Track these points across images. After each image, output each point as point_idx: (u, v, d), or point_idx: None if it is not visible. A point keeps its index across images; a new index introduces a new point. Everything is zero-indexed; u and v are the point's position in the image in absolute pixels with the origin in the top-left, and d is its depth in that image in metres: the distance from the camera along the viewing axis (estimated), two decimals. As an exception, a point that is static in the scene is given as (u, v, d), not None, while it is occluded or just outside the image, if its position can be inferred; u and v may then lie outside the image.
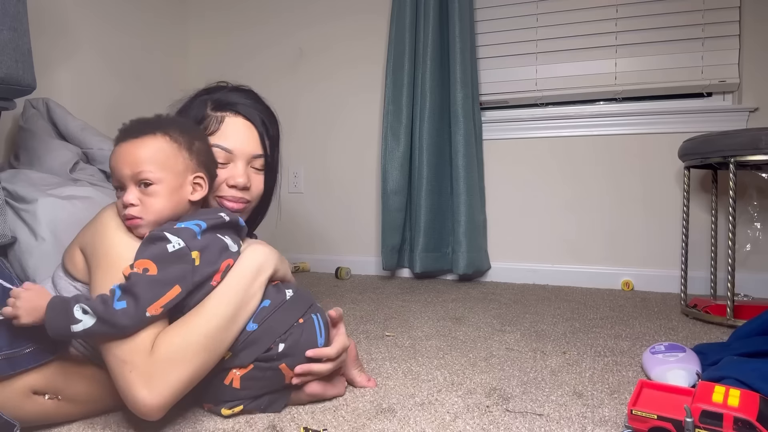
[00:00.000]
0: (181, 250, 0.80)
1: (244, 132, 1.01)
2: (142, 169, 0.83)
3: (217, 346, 0.81)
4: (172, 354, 0.76)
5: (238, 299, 0.84)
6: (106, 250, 0.82)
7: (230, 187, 0.98)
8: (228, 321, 0.82)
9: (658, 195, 2.05)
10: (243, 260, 0.88)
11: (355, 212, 2.49)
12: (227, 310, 0.83)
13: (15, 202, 1.32)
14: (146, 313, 0.76)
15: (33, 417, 0.80)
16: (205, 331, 0.80)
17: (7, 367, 0.75)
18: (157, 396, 0.74)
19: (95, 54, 2.13)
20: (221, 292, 0.84)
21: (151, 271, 0.77)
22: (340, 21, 2.48)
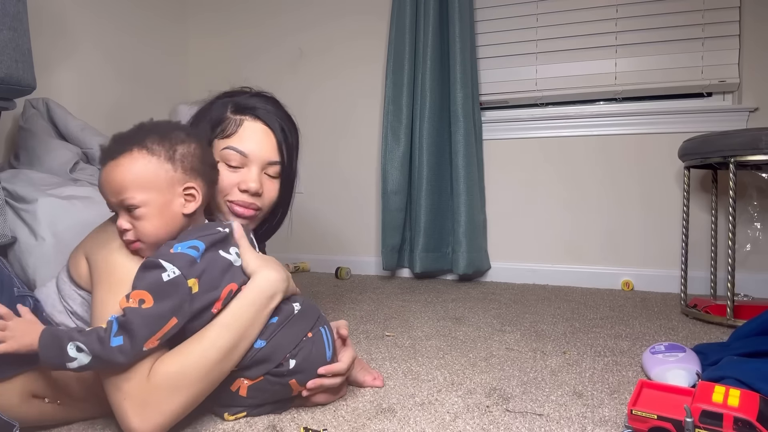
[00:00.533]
0: (177, 278, 0.76)
1: (262, 137, 0.98)
2: (124, 196, 0.80)
3: (215, 376, 0.80)
4: (168, 383, 0.75)
5: (242, 330, 0.81)
6: (110, 269, 0.81)
7: (242, 191, 0.95)
8: (228, 352, 0.80)
9: (658, 195, 2.05)
10: (252, 287, 0.84)
11: (355, 212, 2.49)
12: (229, 340, 0.80)
13: (15, 202, 1.32)
14: (143, 348, 0.74)
15: (33, 419, 0.80)
16: (204, 362, 0.78)
17: (6, 369, 0.74)
18: (149, 425, 0.74)
19: (95, 54, 2.13)
20: (225, 320, 0.80)
21: (147, 303, 0.74)
22: (340, 21, 2.48)
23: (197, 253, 0.80)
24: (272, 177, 1.00)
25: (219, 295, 0.81)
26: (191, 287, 0.78)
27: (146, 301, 0.74)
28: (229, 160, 0.95)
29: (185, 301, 0.77)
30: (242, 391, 0.85)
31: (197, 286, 0.79)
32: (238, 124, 0.97)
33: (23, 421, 0.77)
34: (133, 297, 0.75)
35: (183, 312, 0.77)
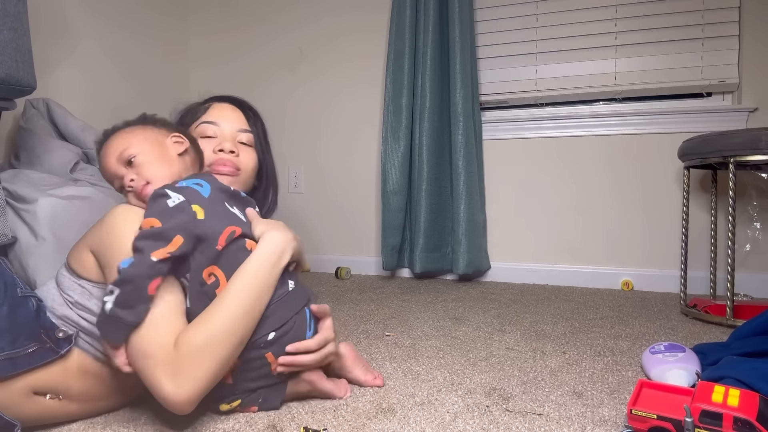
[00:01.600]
0: (182, 203, 0.83)
1: (230, 111, 1.09)
2: (122, 149, 0.90)
3: (241, 336, 0.82)
4: (196, 350, 0.77)
5: (257, 289, 0.85)
6: (120, 245, 0.82)
7: (218, 152, 1.02)
8: (247, 313, 0.83)
9: (658, 195, 2.05)
10: (262, 247, 0.88)
11: (355, 212, 2.49)
12: (247, 301, 0.83)
13: (15, 202, 1.32)
14: (152, 258, 0.77)
15: (34, 417, 0.80)
16: (228, 323, 0.80)
17: (9, 367, 0.75)
18: (185, 392, 0.75)
19: (95, 54, 2.13)
20: (239, 283, 0.83)
21: (156, 226, 0.81)
22: (340, 20, 2.48)
23: (201, 188, 0.88)
24: (246, 144, 1.08)
25: (222, 230, 0.85)
26: (195, 212, 0.83)
27: (155, 225, 0.81)
28: (205, 132, 1.05)
29: (190, 223, 0.82)
30: (228, 379, 0.86)
31: (202, 213, 0.84)
32: (207, 108, 1.09)
33: (25, 419, 0.78)
34: (144, 225, 0.81)
35: (188, 232, 0.81)
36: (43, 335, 0.80)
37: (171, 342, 0.77)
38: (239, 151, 1.05)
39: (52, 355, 0.80)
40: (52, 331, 0.81)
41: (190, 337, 0.78)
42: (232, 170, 1.03)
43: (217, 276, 0.85)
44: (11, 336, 0.76)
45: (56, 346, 0.80)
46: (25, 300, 0.82)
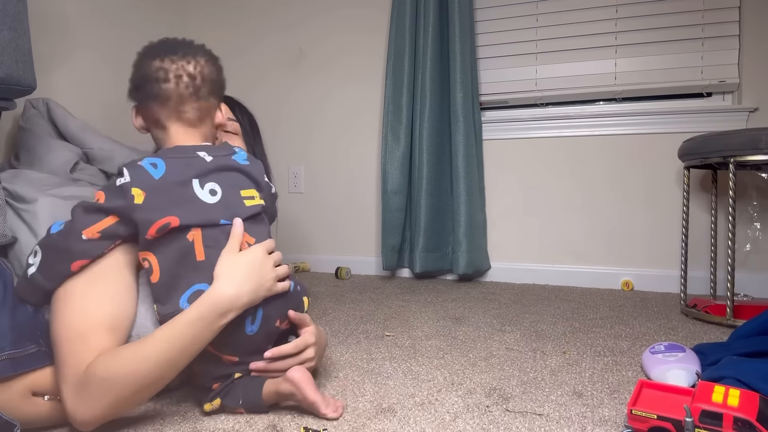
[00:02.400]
0: (125, 185, 0.82)
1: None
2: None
3: (146, 385, 0.79)
4: (97, 383, 0.76)
5: (183, 345, 0.79)
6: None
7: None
8: (166, 364, 0.79)
9: (658, 195, 2.05)
10: (204, 299, 0.81)
11: (355, 212, 2.49)
12: (167, 355, 0.78)
13: (15, 202, 1.32)
14: (82, 236, 0.80)
15: (32, 418, 0.80)
16: (136, 372, 0.77)
17: (9, 368, 0.75)
18: (80, 415, 0.76)
19: (95, 54, 2.13)
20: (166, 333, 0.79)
21: (100, 201, 0.83)
22: (340, 19, 2.48)
23: (155, 170, 0.85)
24: (232, 133, 1.10)
25: (156, 220, 0.82)
26: (134, 195, 0.82)
27: (100, 200, 0.84)
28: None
29: (128, 207, 0.81)
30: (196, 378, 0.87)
31: (141, 197, 0.82)
32: None
33: (23, 420, 0.78)
34: (96, 195, 0.85)
35: (125, 215, 0.82)
36: (40, 339, 0.80)
37: (83, 364, 0.76)
38: (225, 138, 1.07)
39: (49, 360, 0.80)
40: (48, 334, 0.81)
41: (95, 368, 0.76)
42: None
43: (151, 262, 0.83)
44: (12, 336, 0.76)
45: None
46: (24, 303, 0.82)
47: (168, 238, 0.83)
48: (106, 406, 0.77)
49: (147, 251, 0.84)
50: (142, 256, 0.84)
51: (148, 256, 0.84)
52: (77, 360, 0.76)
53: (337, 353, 1.24)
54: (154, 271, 0.83)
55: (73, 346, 0.77)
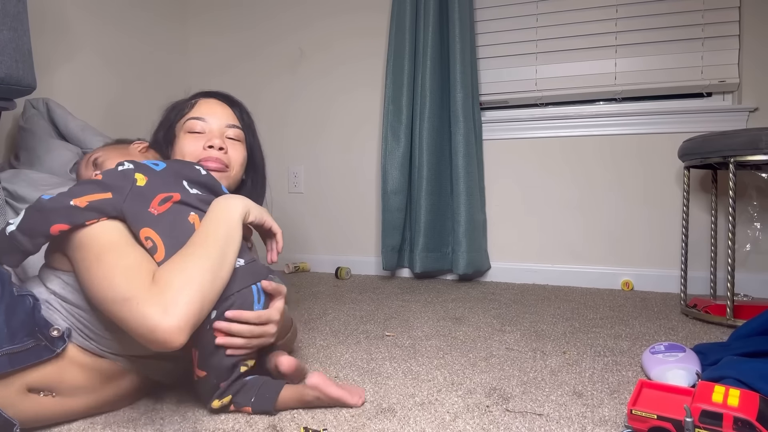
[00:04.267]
0: (127, 170, 0.88)
1: (217, 106, 1.10)
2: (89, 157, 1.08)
3: (217, 268, 0.82)
4: (176, 277, 0.77)
5: (221, 230, 0.86)
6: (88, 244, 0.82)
7: (207, 148, 1.04)
8: (219, 247, 0.84)
9: (658, 195, 2.05)
10: (211, 205, 0.91)
11: (355, 212, 2.49)
12: (215, 238, 0.84)
13: (15, 202, 1.33)
14: (70, 202, 0.81)
15: (30, 415, 0.80)
16: (201, 255, 0.81)
17: (6, 364, 0.74)
18: (174, 317, 0.73)
19: (95, 54, 2.13)
20: (201, 227, 0.86)
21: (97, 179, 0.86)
22: (340, 20, 2.48)
23: (156, 167, 0.92)
24: (235, 140, 1.09)
25: (159, 192, 0.87)
26: (137, 179, 0.87)
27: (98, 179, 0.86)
28: (193, 128, 1.06)
29: (126, 187, 0.85)
30: (201, 373, 0.86)
31: (144, 181, 0.87)
32: (194, 104, 1.10)
33: (21, 417, 0.77)
34: (93, 176, 0.88)
35: (120, 192, 0.84)
36: (38, 333, 0.80)
37: (149, 281, 0.77)
38: (228, 147, 1.06)
39: (48, 353, 0.80)
40: (46, 329, 0.81)
41: (166, 269, 0.79)
42: (221, 167, 1.04)
43: (154, 240, 0.84)
44: (9, 333, 0.76)
45: (51, 345, 0.80)
46: (22, 298, 0.82)
47: (171, 216, 0.87)
48: (195, 299, 0.77)
49: (149, 228, 0.84)
50: (144, 235, 0.84)
51: (150, 234, 0.84)
52: (142, 280, 0.76)
53: (337, 353, 1.24)
54: (159, 249, 0.84)
55: (131, 273, 0.77)
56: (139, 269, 0.78)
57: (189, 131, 1.05)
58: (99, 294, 0.78)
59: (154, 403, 0.95)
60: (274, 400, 0.88)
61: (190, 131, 1.05)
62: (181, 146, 1.05)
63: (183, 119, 1.07)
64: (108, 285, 0.77)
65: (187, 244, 0.84)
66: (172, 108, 1.11)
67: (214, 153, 1.03)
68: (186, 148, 1.04)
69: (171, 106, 1.12)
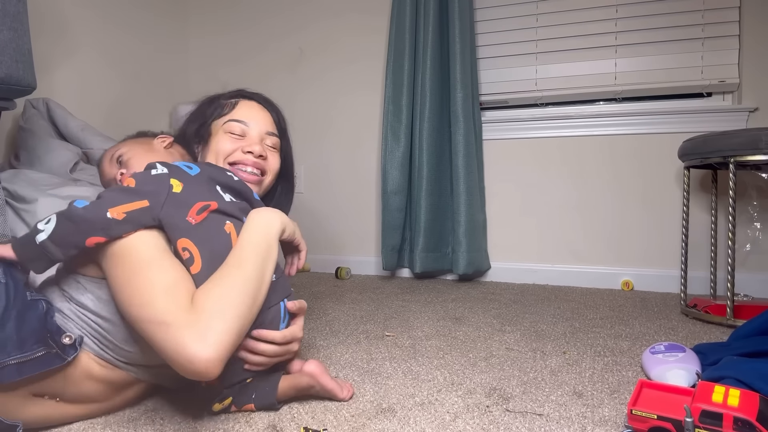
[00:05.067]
0: (161, 174, 0.86)
1: (258, 111, 1.08)
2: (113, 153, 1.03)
3: (256, 290, 0.81)
4: (216, 303, 0.75)
5: (261, 248, 0.85)
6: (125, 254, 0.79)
7: (246, 153, 1.01)
8: (259, 267, 0.83)
9: (658, 195, 2.05)
10: (249, 219, 0.90)
11: (355, 212, 2.49)
12: (255, 258, 0.83)
13: (15, 202, 1.33)
14: (107, 213, 0.77)
15: (33, 419, 0.79)
16: (241, 277, 0.80)
17: (15, 374, 0.72)
18: (213, 347, 0.71)
19: (95, 54, 2.13)
20: (241, 244, 0.85)
21: (130, 186, 0.83)
22: (340, 20, 2.48)
23: (190, 170, 0.90)
24: (271, 148, 1.07)
25: (195, 202, 0.85)
26: (173, 185, 0.84)
27: (130, 185, 0.83)
28: (232, 130, 1.03)
29: (162, 193, 0.83)
30: (212, 381, 0.85)
31: (180, 187, 0.85)
32: (234, 104, 1.07)
33: (25, 422, 0.77)
34: (124, 182, 0.85)
35: (157, 199, 0.82)
36: (49, 340, 0.77)
37: (188, 303, 0.74)
38: (266, 154, 1.04)
39: (59, 361, 0.77)
40: (58, 335, 0.79)
41: (205, 293, 0.76)
42: (257, 177, 1.03)
43: (191, 252, 0.82)
44: (20, 340, 0.74)
45: (62, 353, 0.78)
46: (34, 303, 0.80)
47: (207, 225, 0.85)
48: (233, 327, 0.75)
49: (187, 239, 0.82)
50: (181, 245, 0.82)
51: (188, 245, 0.82)
52: (180, 303, 0.74)
53: (337, 353, 1.24)
54: (196, 261, 0.82)
55: (169, 296, 0.74)
56: (177, 290, 0.76)
57: (228, 132, 1.03)
58: (134, 312, 0.75)
59: (154, 403, 0.95)
60: (274, 393, 0.88)
61: (230, 132, 1.03)
62: (217, 145, 1.02)
63: (222, 119, 1.04)
64: (145, 304, 0.74)
65: (226, 263, 0.82)
66: (209, 102, 1.08)
67: (252, 159, 1.01)
68: (222, 147, 1.01)
69: (208, 101, 1.09)
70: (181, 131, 1.09)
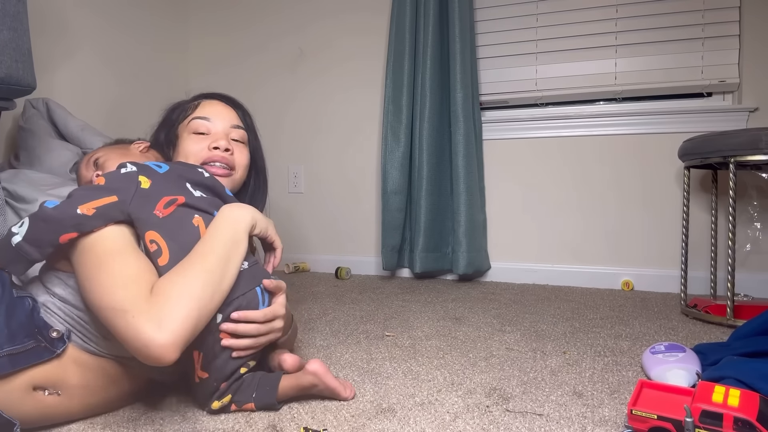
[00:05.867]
0: (130, 173, 0.88)
1: (221, 108, 1.09)
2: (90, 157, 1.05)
3: (218, 282, 0.81)
4: (174, 291, 0.76)
5: (226, 241, 0.86)
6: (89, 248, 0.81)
7: (213, 149, 1.03)
8: (223, 260, 0.83)
9: (658, 195, 2.05)
10: (219, 213, 0.91)
11: (355, 212, 2.49)
12: (220, 250, 0.84)
13: (15, 202, 1.33)
14: (77, 210, 0.80)
15: (34, 414, 0.80)
16: (203, 268, 0.80)
17: (8, 365, 0.75)
18: (168, 333, 0.73)
19: (95, 54, 2.13)
20: (207, 237, 0.86)
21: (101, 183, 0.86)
22: (340, 20, 2.48)
23: (159, 168, 0.92)
24: (239, 141, 1.08)
25: (162, 197, 0.87)
26: (141, 181, 0.87)
27: (100, 183, 0.86)
28: (197, 129, 1.05)
29: (130, 189, 0.85)
30: (203, 375, 0.86)
31: (148, 184, 0.87)
32: (197, 105, 1.09)
33: (24, 417, 0.78)
34: (96, 180, 0.87)
35: (126, 195, 0.84)
36: (38, 335, 0.80)
37: (147, 293, 0.76)
38: (232, 148, 1.05)
39: (49, 354, 0.80)
40: (45, 330, 0.81)
41: (166, 281, 0.78)
42: (226, 171, 1.04)
43: (159, 244, 0.83)
44: (9, 334, 0.76)
45: (51, 346, 0.80)
46: (21, 300, 0.82)
47: (176, 218, 0.87)
48: (192, 314, 0.76)
49: (154, 231, 0.84)
50: (149, 238, 0.84)
51: (155, 237, 0.84)
52: (140, 292, 0.76)
53: (337, 353, 1.24)
54: (164, 253, 0.83)
55: (130, 285, 0.76)
56: (139, 280, 0.77)
57: (193, 131, 1.04)
58: (96, 301, 0.77)
59: (154, 403, 0.95)
60: (275, 393, 0.89)
61: (195, 132, 1.04)
62: (184, 147, 1.04)
63: (187, 119, 1.06)
64: (106, 293, 0.76)
65: (191, 254, 0.83)
66: (174, 108, 1.11)
67: (220, 154, 1.03)
68: (190, 148, 1.03)
69: (172, 107, 1.12)
70: (153, 139, 1.11)
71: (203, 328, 0.81)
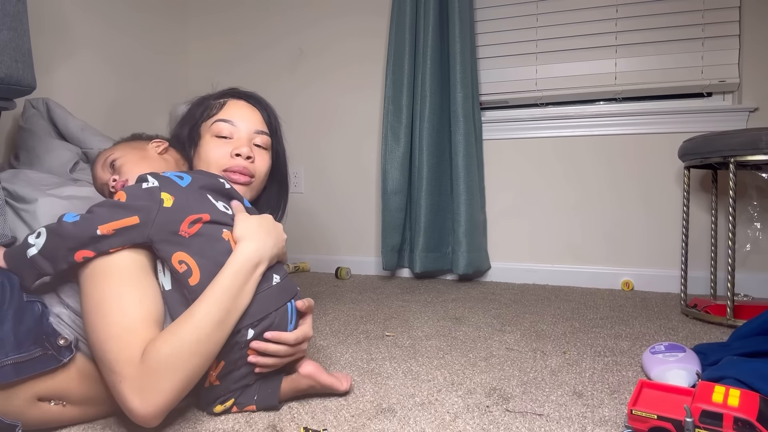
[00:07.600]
0: (152, 188, 0.85)
1: (247, 110, 1.06)
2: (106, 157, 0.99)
3: (209, 350, 0.79)
4: (162, 362, 0.74)
5: (230, 301, 0.81)
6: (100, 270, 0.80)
7: (235, 156, 1.00)
8: (219, 324, 0.80)
9: (658, 195, 2.05)
10: (235, 257, 0.84)
11: (355, 212, 2.49)
12: (218, 314, 0.79)
13: (15, 202, 1.32)
14: (96, 230, 0.78)
15: (37, 422, 0.79)
16: (196, 337, 0.77)
17: (12, 373, 0.73)
18: (150, 406, 0.73)
19: (95, 54, 2.13)
20: (211, 293, 0.80)
21: (121, 200, 0.83)
22: (340, 21, 2.48)
23: (181, 181, 0.88)
24: (262, 147, 1.05)
25: (186, 217, 0.84)
26: (164, 199, 0.84)
27: (121, 200, 0.84)
28: (220, 132, 1.02)
29: (153, 209, 0.82)
30: (215, 382, 0.86)
31: (171, 202, 0.84)
32: (223, 104, 1.05)
33: (28, 424, 0.77)
34: (116, 195, 0.85)
35: (148, 216, 0.82)
36: (45, 342, 0.78)
37: (138, 355, 0.74)
38: (255, 155, 1.02)
39: (55, 363, 0.78)
40: (53, 337, 0.79)
41: (157, 349, 0.75)
42: (246, 179, 1.01)
43: (189, 264, 0.82)
44: (16, 340, 0.74)
45: (58, 354, 0.79)
46: (30, 304, 0.80)
47: (203, 235, 0.85)
48: (176, 387, 0.75)
49: (183, 252, 0.83)
50: (177, 259, 0.82)
51: (184, 258, 0.82)
52: (130, 353, 0.74)
53: (337, 353, 1.24)
54: (194, 272, 0.82)
55: (122, 342, 0.75)
56: (134, 332, 0.76)
57: (216, 135, 1.01)
58: (89, 340, 0.78)
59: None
60: (276, 396, 0.89)
61: (217, 135, 1.01)
62: (206, 150, 1.01)
63: (210, 119, 1.03)
64: (98, 339, 0.76)
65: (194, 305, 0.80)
66: (199, 103, 1.07)
67: (242, 162, 1.00)
68: (211, 154, 1.00)
69: (198, 101, 1.08)
70: (174, 135, 1.08)
71: (230, 342, 0.82)
